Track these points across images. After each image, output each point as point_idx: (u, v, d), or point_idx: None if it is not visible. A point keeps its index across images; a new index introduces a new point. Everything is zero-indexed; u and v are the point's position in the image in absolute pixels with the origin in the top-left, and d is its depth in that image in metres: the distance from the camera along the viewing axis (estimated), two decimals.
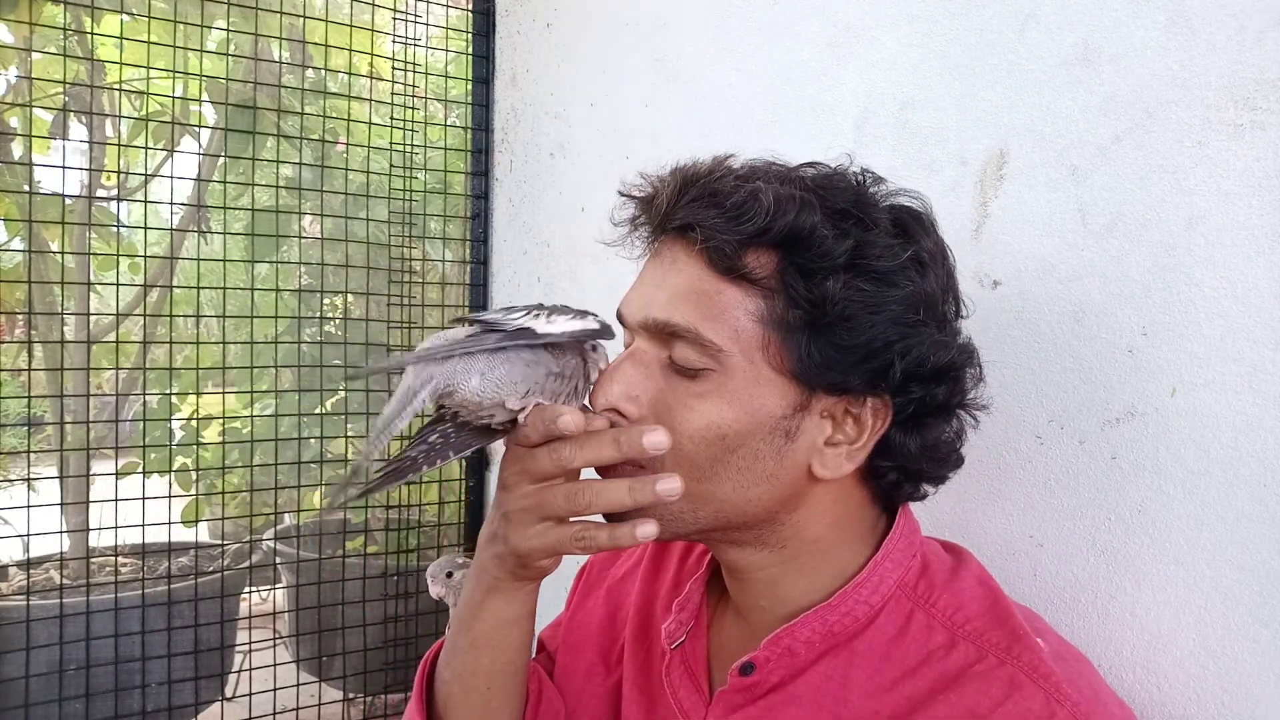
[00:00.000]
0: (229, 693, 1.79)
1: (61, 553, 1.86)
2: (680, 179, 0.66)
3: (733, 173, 0.66)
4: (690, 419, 0.62)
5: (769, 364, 0.62)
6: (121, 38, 1.68)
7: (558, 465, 0.61)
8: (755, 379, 0.62)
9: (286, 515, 2.33)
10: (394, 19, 1.77)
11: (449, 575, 0.84)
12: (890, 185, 0.68)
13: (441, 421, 0.65)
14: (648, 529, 0.60)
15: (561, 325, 0.63)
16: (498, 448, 1.85)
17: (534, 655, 0.92)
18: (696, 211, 0.63)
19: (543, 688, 0.81)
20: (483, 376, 0.61)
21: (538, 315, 0.64)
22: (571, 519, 0.62)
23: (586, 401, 0.66)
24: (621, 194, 0.71)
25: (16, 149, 1.83)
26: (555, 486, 0.61)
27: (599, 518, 0.62)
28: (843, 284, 0.60)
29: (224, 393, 1.96)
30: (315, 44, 1.82)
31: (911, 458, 0.66)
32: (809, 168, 0.68)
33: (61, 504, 1.79)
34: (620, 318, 0.69)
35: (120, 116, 1.87)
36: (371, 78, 1.87)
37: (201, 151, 2.02)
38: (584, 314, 0.65)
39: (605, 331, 0.64)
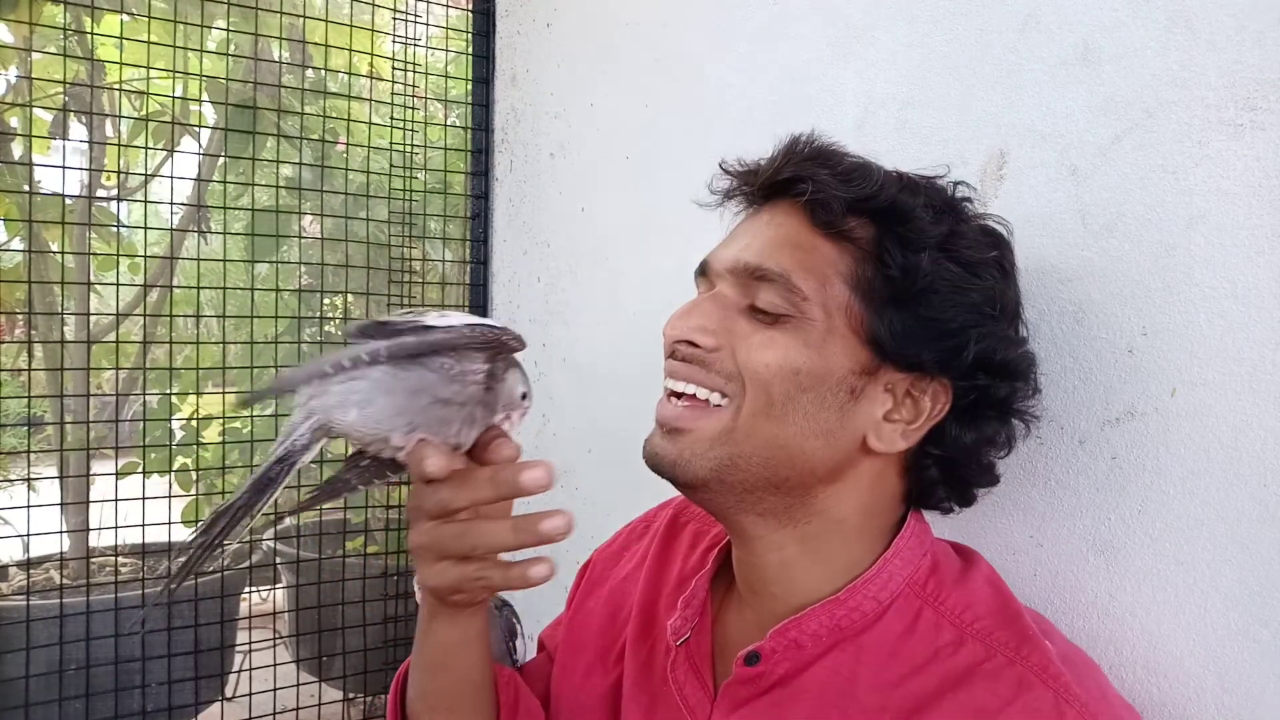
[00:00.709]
0: (229, 693, 1.80)
1: (61, 553, 1.86)
2: (792, 142, 0.69)
3: (839, 147, 0.70)
4: (766, 352, 0.64)
5: (847, 324, 0.64)
6: (121, 38, 1.68)
7: (440, 507, 0.60)
8: (830, 331, 0.64)
9: (287, 515, 2.33)
10: (394, 19, 1.77)
11: None
12: (979, 205, 0.73)
13: (356, 458, 0.64)
14: (540, 570, 0.59)
15: (455, 319, 0.59)
16: None
17: (529, 657, 0.92)
18: (808, 168, 0.66)
19: (519, 698, 0.80)
20: (360, 410, 0.57)
21: (424, 310, 0.61)
22: (472, 557, 0.60)
23: (510, 421, 0.64)
24: (722, 167, 0.74)
25: (16, 149, 1.83)
26: (445, 525, 0.61)
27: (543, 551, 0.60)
28: (933, 261, 0.64)
29: (224, 392, 1.96)
30: (315, 44, 1.82)
31: (962, 451, 0.68)
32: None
33: (61, 504, 1.79)
34: (704, 268, 0.71)
35: (120, 116, 1.88)
36: (371, 78, 1.87)
37: (201, 151, 2.02)
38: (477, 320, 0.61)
39: (508, 335, 0.61)
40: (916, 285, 0.63)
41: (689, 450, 0.66)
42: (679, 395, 0.67)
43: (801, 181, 0.66)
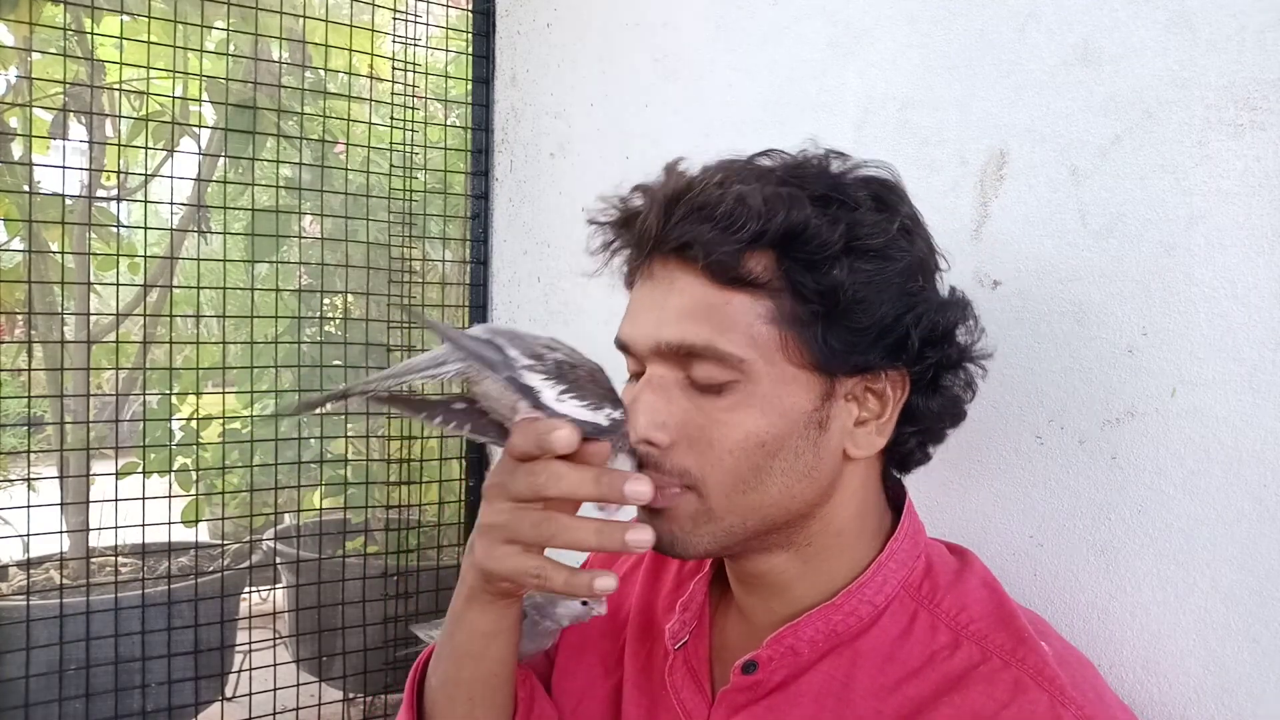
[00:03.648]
0: (229, 693, 1.79)
1: (61, 553, 1.86)
2: (663, 199, 0.64)
3: (708, 181, 0.64)
4: (727, 434, 0.62)
5: (790, 362, 0.62)
6: (121, 38, 1.68)
7: (533, 490, 0.58)
8: (780, 379, 0.62)
9: (286, 515, 2.33)
10: (394, 19, 1.77)
11: None
12: (852, 159, 0.68)
13: (470, 398, 0.62)
14: (607, 582, 0.58)
15: (571, 408, 0.59)
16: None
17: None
18: (690, 229, 0.62)
19: (535, 696, 0.80)
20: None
21: (553, 381, 0.59)
22: (539, 549, 0.60)
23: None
24: (593, 222, 0.71)
25: (16, 149, 1.83)
26: (527, 510, 0.59)
27: (580, 555, 0.60)
28: (846, 269, 0.61)
29: (224, 393, 1.96)
30: (315, 44, 1.82)
31: (934, 418, 0.68)
32: (764, 158, 0.68)
33: (61, 504, 1.79)
34: (623, 346, 0.68)
35: (120, 116, 1.87)
36: (371, 78, 1.87)
37: (201, 151, 2.02)
38: (602, 398, 0.60)
39: (613, 429, 0.61)
40: (840, 301, 0.61)
41: (678, 528, 0.64)
42: None
43: (689, 246, 0.62)
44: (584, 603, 0.75)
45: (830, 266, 0.61)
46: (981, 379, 0.71)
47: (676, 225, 0.63)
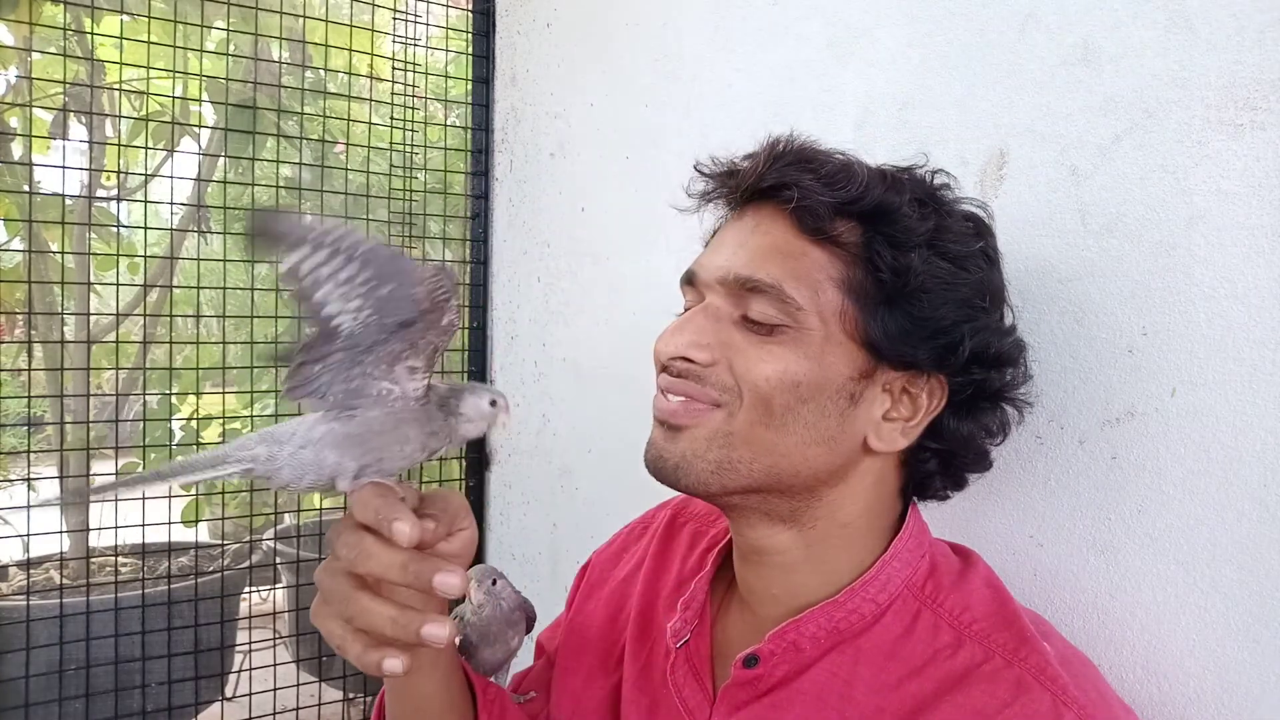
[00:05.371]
0: (229, 693, 1.80)
1: (61, 553, 1.86)
2: (772, 146, 0.68)
3: (821, 148, 0.68)
4: (765, 365, 0.63)
5: (843, 329, 0.64)
6: (121, 38, 1.68)
7: (347, 562, 0.57)
8: (828, 339, 0.64)
9: (286, 515, 2.33)
10: (394, 19, 1.77)
11: (493, 583, 0.82)
12: (956, 189, 0.72)
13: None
14: (394, 664, 0.56)
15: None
16: (499, 453, 1.85)
17: (533, 660, 0.91)
18: (791, 174, 0.65)
19: (504, 716, 0.78)
20: (314, 476, 0.57)
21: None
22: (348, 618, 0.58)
23: None
24: (698, 170, 0.73)
25: (16, 149, 1.83)
26: (340, 582, 0.58)
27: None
28: (923, 259, 0.63)
29: (224, 393, 1.96)
30: (315, 44, 1.82)
31: (960, 442, 0.69)
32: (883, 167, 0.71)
33: (61, 504, 1.79)
34: (689, 278, 0.70)
35: (120, 116, 1.87)
36: (371, 78, 1.87)
37: (201, 151, 2.02)
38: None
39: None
40: (908, 285, 0.63)
41: (690, 450, 0.65)
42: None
43: (786, 188, 0.65)
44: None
45: (910, 251, 0.63)
46: (1016, 425, 0.72)
47: (779, 169, 0.65)
